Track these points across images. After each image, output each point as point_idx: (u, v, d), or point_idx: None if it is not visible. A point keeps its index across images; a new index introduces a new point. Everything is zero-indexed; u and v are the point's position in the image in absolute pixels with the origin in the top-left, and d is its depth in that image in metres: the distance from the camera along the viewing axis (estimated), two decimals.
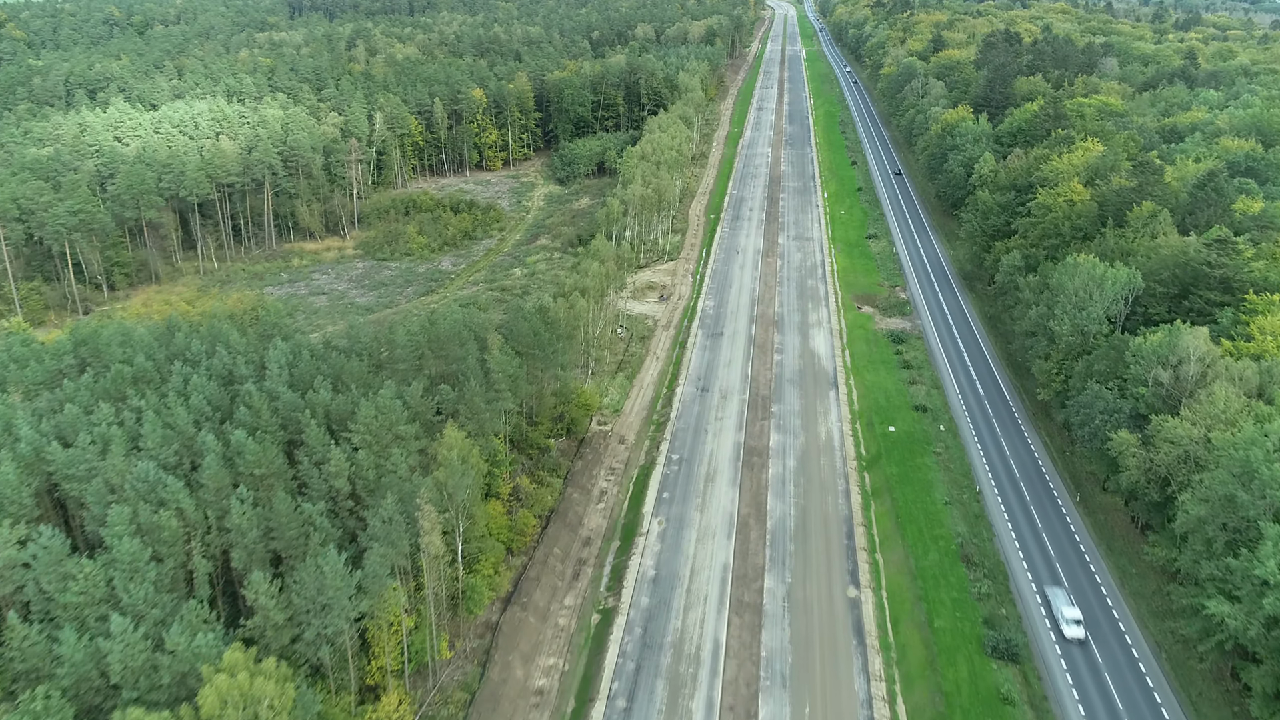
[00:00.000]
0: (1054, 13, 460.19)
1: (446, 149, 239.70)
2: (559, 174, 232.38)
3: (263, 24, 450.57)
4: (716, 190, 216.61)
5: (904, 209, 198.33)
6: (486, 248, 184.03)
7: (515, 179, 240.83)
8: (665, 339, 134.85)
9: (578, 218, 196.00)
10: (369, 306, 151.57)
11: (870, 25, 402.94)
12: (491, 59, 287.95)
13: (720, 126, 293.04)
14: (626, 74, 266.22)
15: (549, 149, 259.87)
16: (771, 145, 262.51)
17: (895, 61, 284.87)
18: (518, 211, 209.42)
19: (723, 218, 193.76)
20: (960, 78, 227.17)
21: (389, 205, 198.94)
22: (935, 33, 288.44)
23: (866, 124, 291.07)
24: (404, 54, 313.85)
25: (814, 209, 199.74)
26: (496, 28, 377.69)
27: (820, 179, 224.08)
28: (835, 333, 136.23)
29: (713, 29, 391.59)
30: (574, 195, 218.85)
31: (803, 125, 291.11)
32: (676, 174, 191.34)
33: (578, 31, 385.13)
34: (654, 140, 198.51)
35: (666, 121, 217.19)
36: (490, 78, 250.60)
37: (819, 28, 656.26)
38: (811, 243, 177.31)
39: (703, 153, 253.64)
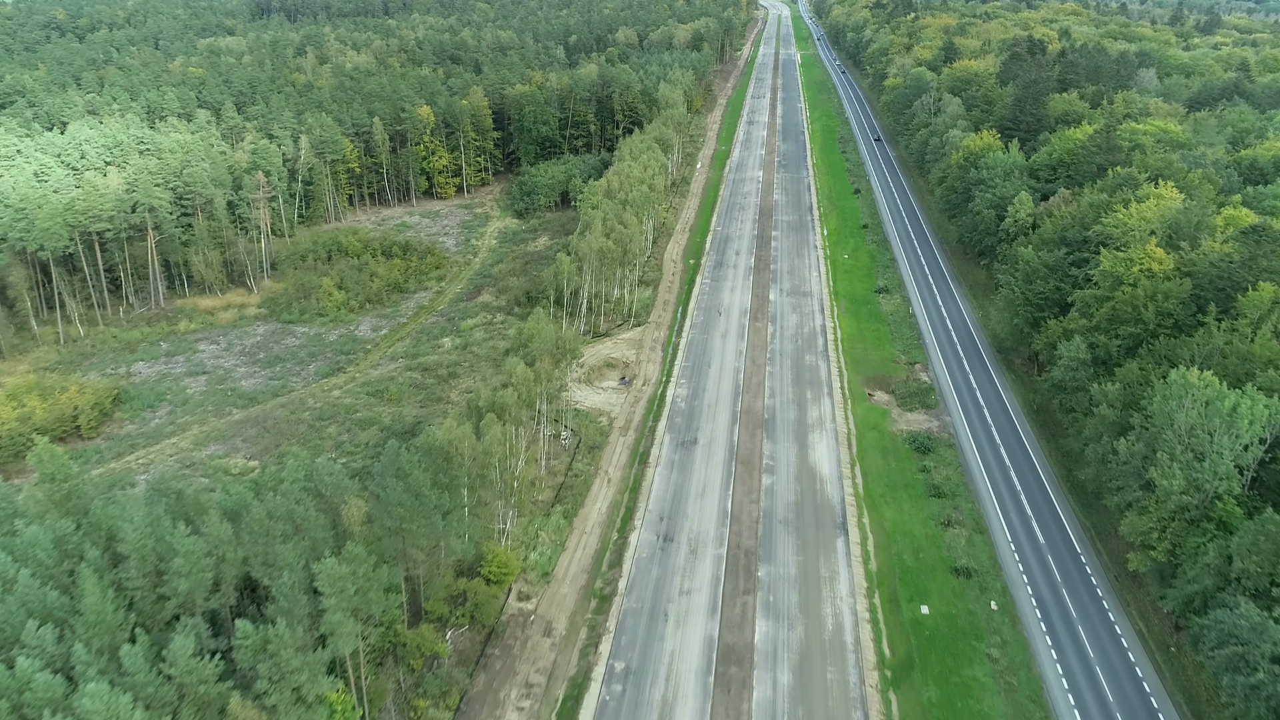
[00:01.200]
0: (1065, 14, 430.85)
1: (390, 175, 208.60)
2: (517, 205, 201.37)
3: (218, 28, 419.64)
4: (698, 226, 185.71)
5: (919, 252, 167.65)
6: (419, 304, 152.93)
7: (469, 210, 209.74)
8: (622, 448, 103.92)
9: (532, 263, 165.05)
10: (253, 394, 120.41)
11: (870, 29, 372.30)
12: (449, 69, 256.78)
13: (706, 144, 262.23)
14: (598, 87, 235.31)
15: (511, 172, 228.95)
16: (763, 167, 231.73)
17: (901, 72, 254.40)
18: (464, 253, 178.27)
19: (704, 263, 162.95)
20: (980, 94, 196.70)
21: (308, 249, 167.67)
22: (946, 39, 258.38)
23: (869, 141, 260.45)
24: (355, 63, 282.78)
25: (812, 251, 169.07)
26: (465, 32, 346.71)
27: (819, 212, 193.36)
28: (841, 438, 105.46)
29: (700, 33, 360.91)
30: (531, 233, 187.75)
31: (798, 143, 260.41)
32: (648, 214, 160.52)
33: (553, 36, 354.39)
34: (622, 172, 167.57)
35: (639, 146, 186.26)
36: (441, 92, 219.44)
37: (814, 29, 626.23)
38: (810, 299, 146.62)
39: (684, 178, 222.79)
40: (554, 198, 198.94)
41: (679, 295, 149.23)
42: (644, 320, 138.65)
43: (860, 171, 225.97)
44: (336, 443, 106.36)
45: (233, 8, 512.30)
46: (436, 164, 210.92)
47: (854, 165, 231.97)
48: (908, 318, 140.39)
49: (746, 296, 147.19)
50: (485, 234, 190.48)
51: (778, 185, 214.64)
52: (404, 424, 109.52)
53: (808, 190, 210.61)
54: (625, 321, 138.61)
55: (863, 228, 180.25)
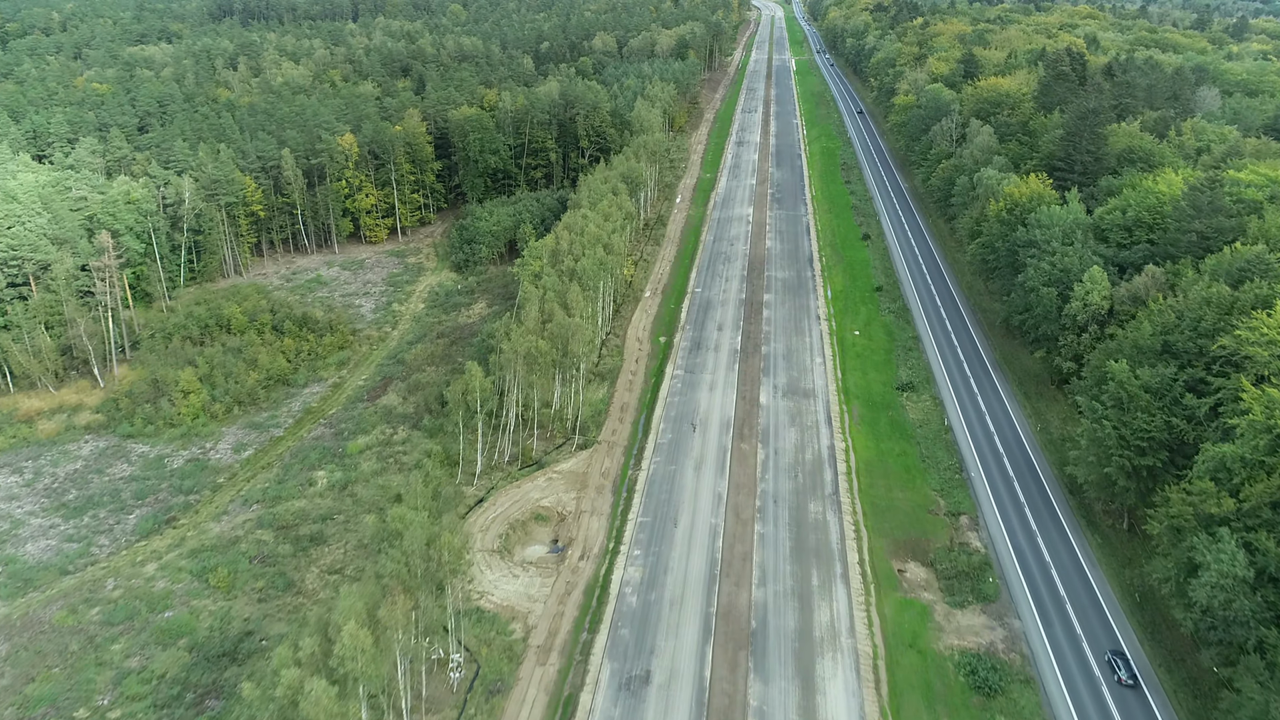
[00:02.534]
0: (1080, 17, 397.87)
1: (306, 218, 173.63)
2: (456, 256, 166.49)
3: (161, 33, 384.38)
4: (673, 287, 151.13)
5: (949, 328, 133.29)
6: (305, 404, 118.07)
7: (400, 258, 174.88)
8: (536, 694, 69.40)
9: (460, 342, 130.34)
10: (32, 571, 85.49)
11: (873, 35, 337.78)
12: (388, 86, 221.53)
13: (688, 170, 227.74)
14: (560, 108, 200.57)
15: (458, 208, 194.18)
16: (754, 202, 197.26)
17: (914, 88, 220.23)
18: (381, 323, 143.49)
19: (677, 344, 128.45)
20: (1016, 120, 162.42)
21: (181, 323, 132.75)
22: (964, 50, 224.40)
23: (876, 168, 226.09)
24: (289, 77, 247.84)
25: (814, 324, 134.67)
26: (425, 39, 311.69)
27: (820, 265, 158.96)
28: (864, 667, 71.10)
29: (685, 39, 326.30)
30: (468, 294, 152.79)
31: (794, 170, 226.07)
32: (606, 285, 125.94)
33: (523, 44, 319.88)
34: (575, 225, 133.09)
35: (600, 187, 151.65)
36: (370, 116, 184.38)
37: (809, 32, 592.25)
38: (812, 401, 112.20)
39: (660, 217, 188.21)
40: (499, 248, 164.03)
41: (642, 396, 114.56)
42: (593, 439, 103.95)
43: (868, 208, 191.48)
44: (115, 678, 71.63)
45: (188, 10, 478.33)
46: (362, 203, 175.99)
47: (860, 200, 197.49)
48: (942, 432, 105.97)
49: (730, 398, 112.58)
50: (413, 294, 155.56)
51: (771, 228, 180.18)
52: (225, 639, 74.99)
53: (806, 234, 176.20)
54: (569, 440, 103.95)
55: (876, 290, 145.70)
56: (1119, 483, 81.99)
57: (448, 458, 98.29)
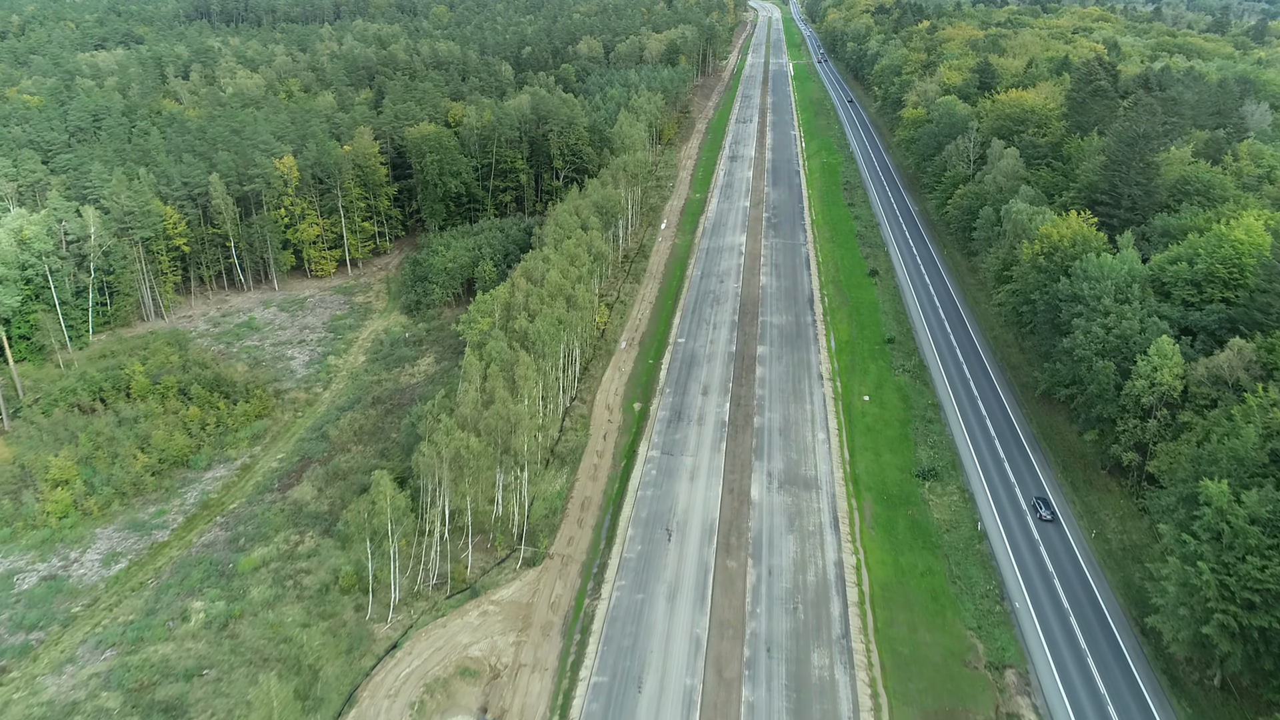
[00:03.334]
0: (1092, 20, 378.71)
1: (242, 250, 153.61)
2: (408, 296, 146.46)
3: (126, 36, 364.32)
4: (652, 336, 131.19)
5: (976, 394, 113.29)
6: (204, 493, 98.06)
7: (348, 296, 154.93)
8: None
9: (396, 412, 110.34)
10: None
11: (876, 39, 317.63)
12: (344, 99, 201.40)
13: (676, 190, 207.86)
14: (532, 123, 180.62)
15: (417, 236, 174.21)
16: (747, 229, 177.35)
17: (923, 99, 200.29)
18: (312, 382, 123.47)
19: (653, 413, 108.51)
20: (1045, 141, 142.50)
21: (71, 386, 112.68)
22: (979, 59, 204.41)
23: (882, 187, 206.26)
24: (241, 86, 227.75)
25: (816, 386, 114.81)
26: (398, 45, 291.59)
27: (823, 308, 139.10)
28: None
29: (675, 44, 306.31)
30: (416, 345, 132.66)
31: (792, 189, 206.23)
32: (572, 342, 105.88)
33: (504, 49, 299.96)
34: (534, 272, 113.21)
35: (569, 221, 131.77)
36: (315, 135, 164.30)
37: (808, 35, 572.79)
38: (815, 495, 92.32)
39: (643, 246, 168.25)
40: (454, 287, 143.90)
41: (608, 487, 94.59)
42: (543, 551, 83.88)
43: (875, 237, 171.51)
44: None
45: (161, 12, 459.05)
46: (305, 233, 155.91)
47: (865, 226, 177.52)
48: (975, 540, 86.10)
49: (714, 491, 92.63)
50: (355, 343, 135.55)
51: (766, 259, 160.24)
52: None
53: (806, 268, 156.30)
54: (513, 552, 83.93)
55: (887, 342, 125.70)
56: (1221, 646, 62.24)
57: (360, 579, 78.43)
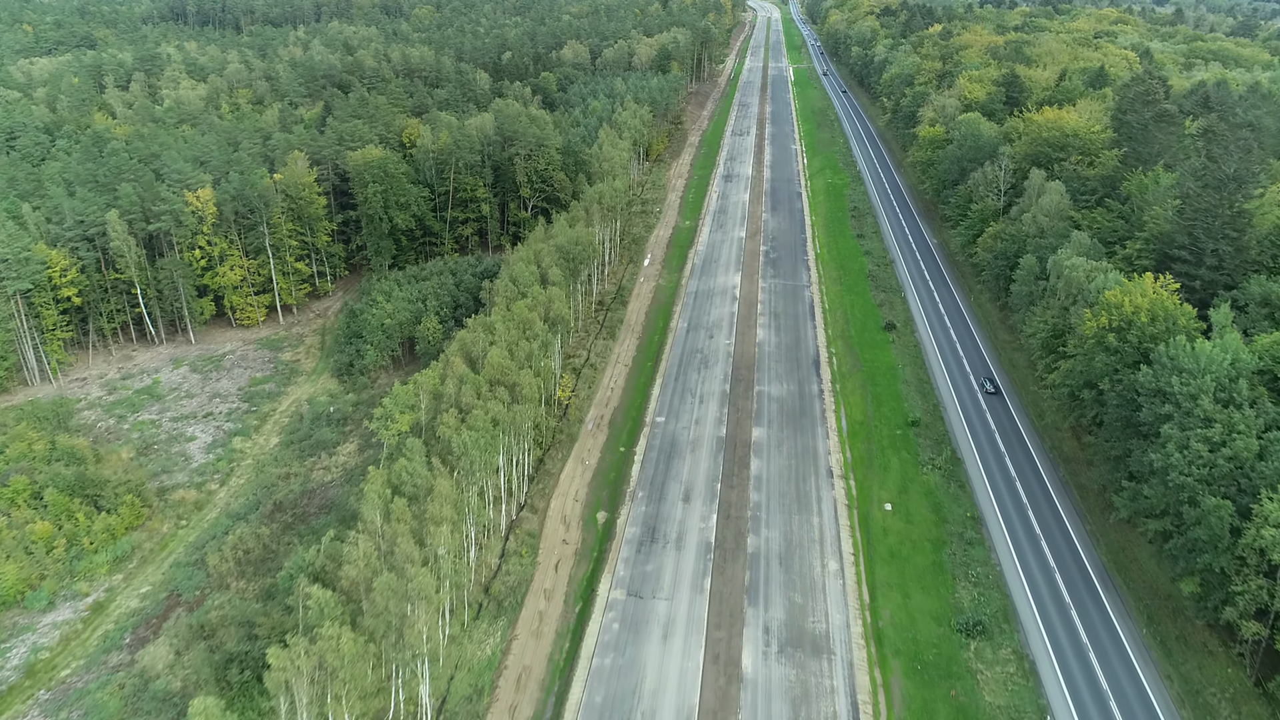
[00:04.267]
0: (1110, 22, 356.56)
1: (151, 298, 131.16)
2: (341, 356, 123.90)
3: (83, 40, 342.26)
4: (625, 412, 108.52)
5: (1025, 501, 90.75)
6: (32, 652, 75.52)
7: (275, 351, 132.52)
8: None
9: (299, 523, 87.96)
10: None
11: (883, 44, 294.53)
12: (287, 114, 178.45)
13: (664, 216, 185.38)
14: (496, 145, 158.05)
15: (365, 274, 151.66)
16: (742, 266, 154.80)
17: (941, 116, 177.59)
18: (208, 475, 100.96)
19: (620, 530, 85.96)
20: (1095, 175, 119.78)
21: None
22: (1004, 69, 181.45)
23: (895, 214, 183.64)
24: (183, 98, 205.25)
25: (823, 487, 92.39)
26: (367, 51, 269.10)
27: (831, 374, 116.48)
28: None
29: (667, 49, 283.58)
30: (340, 426, 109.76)
31: (793, 216, 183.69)
32: (517, 445, 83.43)
33: (483, 54, 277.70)
34: (474, 349, 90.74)
35: (527, 272, 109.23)
36: (241, 163, 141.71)
37: (808, 36, 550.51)
38: (824, 665, 69.67)
39: (621, 290, 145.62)
40: (393, 348, 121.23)
41: (554, 651, 71.89)
42: None
43: (889, 278, 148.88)
44: None
45: (136, 12, 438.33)
46: (226, 277, 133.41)
47: (878, 264, 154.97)
48: None
49: (694, 659, 70.10)
50: (270, 419, 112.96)
51: (764, 307, 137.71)
52: None
53: (810, 318, 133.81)
54: None
55: (911, 425, 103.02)
56: None
57: None
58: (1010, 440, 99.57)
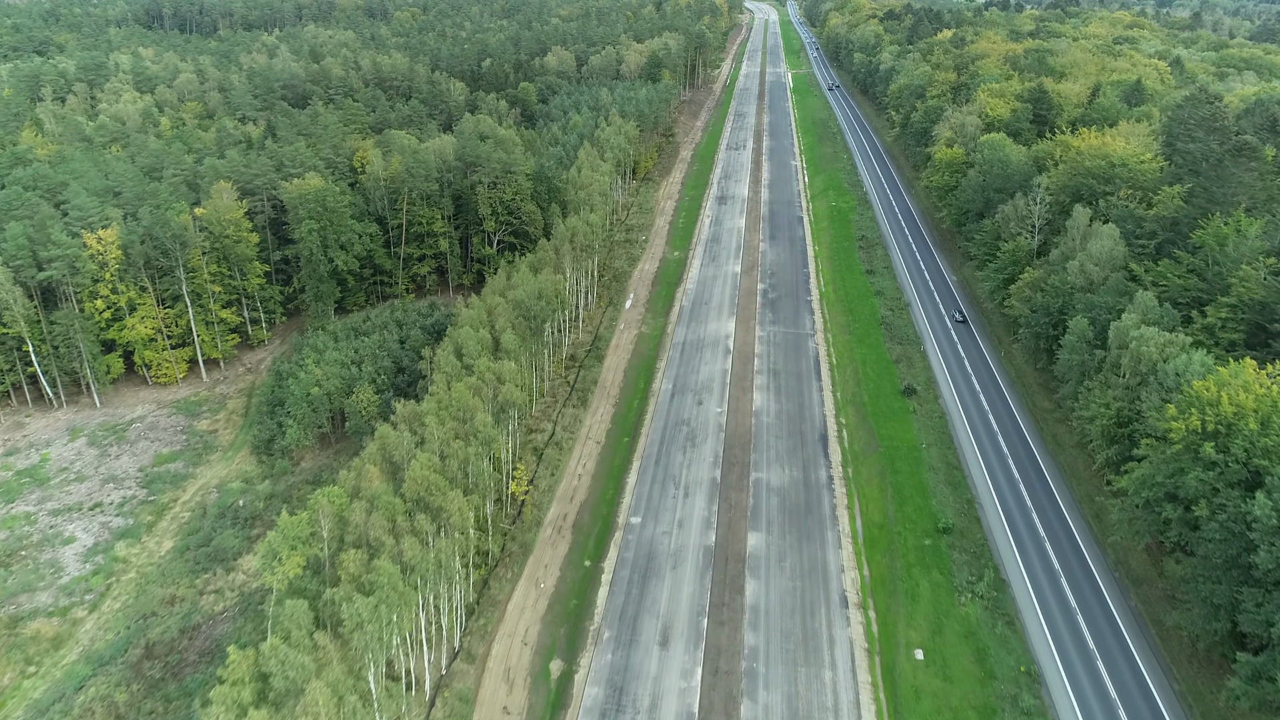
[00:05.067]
0: (1124, 26, 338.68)
1: (46, 355, 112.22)
2: (263, 427, 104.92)
3: (42, 44, 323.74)
4: (594, 510, 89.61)
5: (1095, 651, 72.21)
6: None
7: (192, 417, 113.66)
8: None
9: (170, 678, 69.07)
10: None
11: (888, 52, 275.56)
12: (223, 133, 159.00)
13: (650, 245, 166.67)
14: (457, 172, 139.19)
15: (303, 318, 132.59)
16: (737, 310, 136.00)
17: (960, 135, 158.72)
18: (77, 596, 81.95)
19: (579, 692, 67.18)
20: (1155, 217, 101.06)
21: None
22: (1031, 82, 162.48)
23: (909, 247, 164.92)
24: (122, 112, 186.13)
25: (835, 620, 73.70)
26: (335, 59, 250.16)
27: (842, 453, 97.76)
28: None
29: (658, 56, 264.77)
30: (246, 527, 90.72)
31: (794, 246, 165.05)
32: (445, 592, 64.72)
33: (462, 62, 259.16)
34: (396, 453, 71.89)
35: (474, 342, 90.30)
36: (158, 195, 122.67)
37: (807, 39, 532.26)
38: None
39: (597, 340, 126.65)
40: (320, 423, 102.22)
41: None
42: None
43: (905, 325, 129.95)
44: None
45: (110, 15, 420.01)
46: (135, 331, 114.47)
47: (892, 307, 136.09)
48: None
49: None
50: (168, 512, 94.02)
51: (762, 362, 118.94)
52: None
53: (815, 375, 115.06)
54: None
55: (942, 532, 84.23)
56: None
57: None
58: (1065, 554, 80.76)
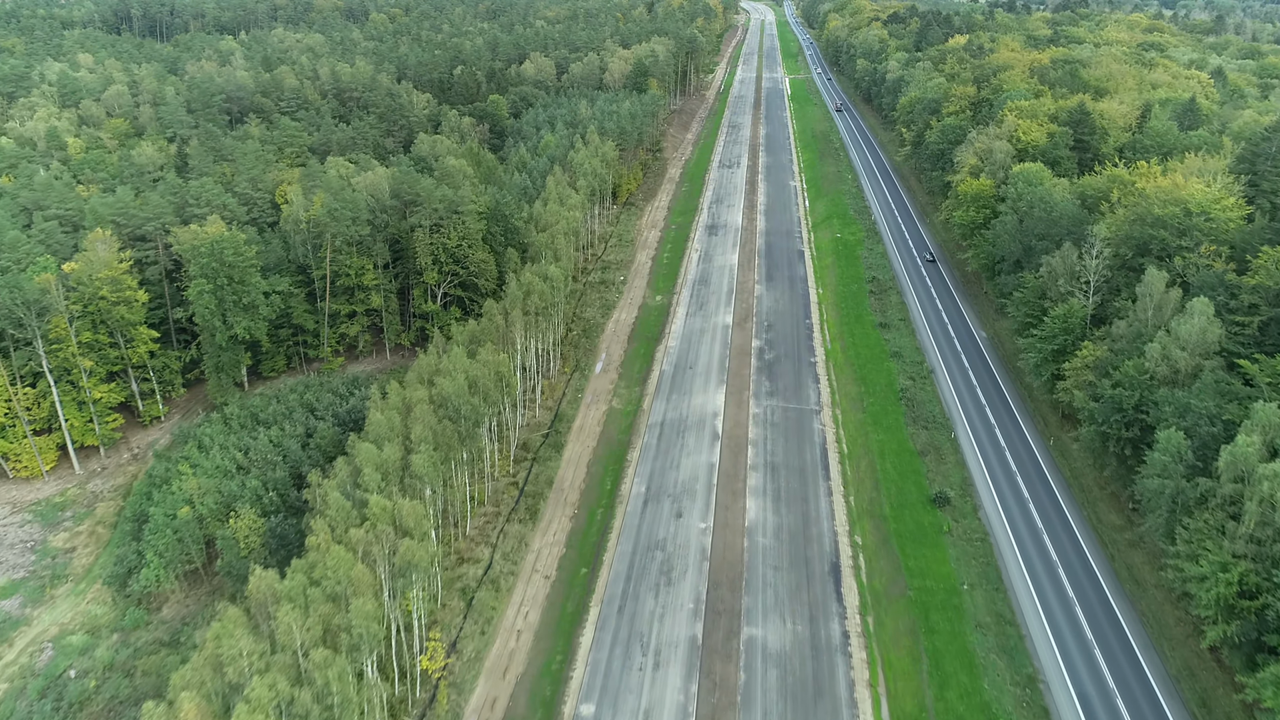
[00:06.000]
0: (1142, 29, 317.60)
1: None
2: (120, 565, 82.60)
3: None
4: (533, 685, 67.22)
5: None
6: None
7: (49, 527, 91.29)
8: None
9: None
10: None
11: (895, 59, 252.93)
12: (124, 160, 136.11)
13: (628, 289, 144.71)
14: (396, 210, 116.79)
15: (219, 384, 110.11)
16: (727, 378, 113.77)
17: (987, 162, 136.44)
18: None
19: None
20: (1254, 287, 79.31)
21: None
22: (1067, 99, 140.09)
23: (927, 292, 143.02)
24: (29, 131, 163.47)
25: None
26: (284, 68, 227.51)
27: (861, 600, 75.74)
28: None
29: (644, 65, 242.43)
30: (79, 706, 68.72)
31: (794, 289, 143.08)
32: None
33: (432, 70, 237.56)
34: (264, 628, 49.72)
35: (373, 472, 68.16)
36: (17, 247, 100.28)
37: (805, 41, 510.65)
38: None
39: (558, 421, 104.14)
40: (189, 558, 79.86)
41: None
42: None
43: (930, 400, 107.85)
44: None
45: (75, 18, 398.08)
46: None
47: (913, 374, 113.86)
48: None
49: None
50: None
51: (756, 452, 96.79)
52: None
53: (823, 473, 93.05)
54: None
55: None
56: None
57: None
58: None
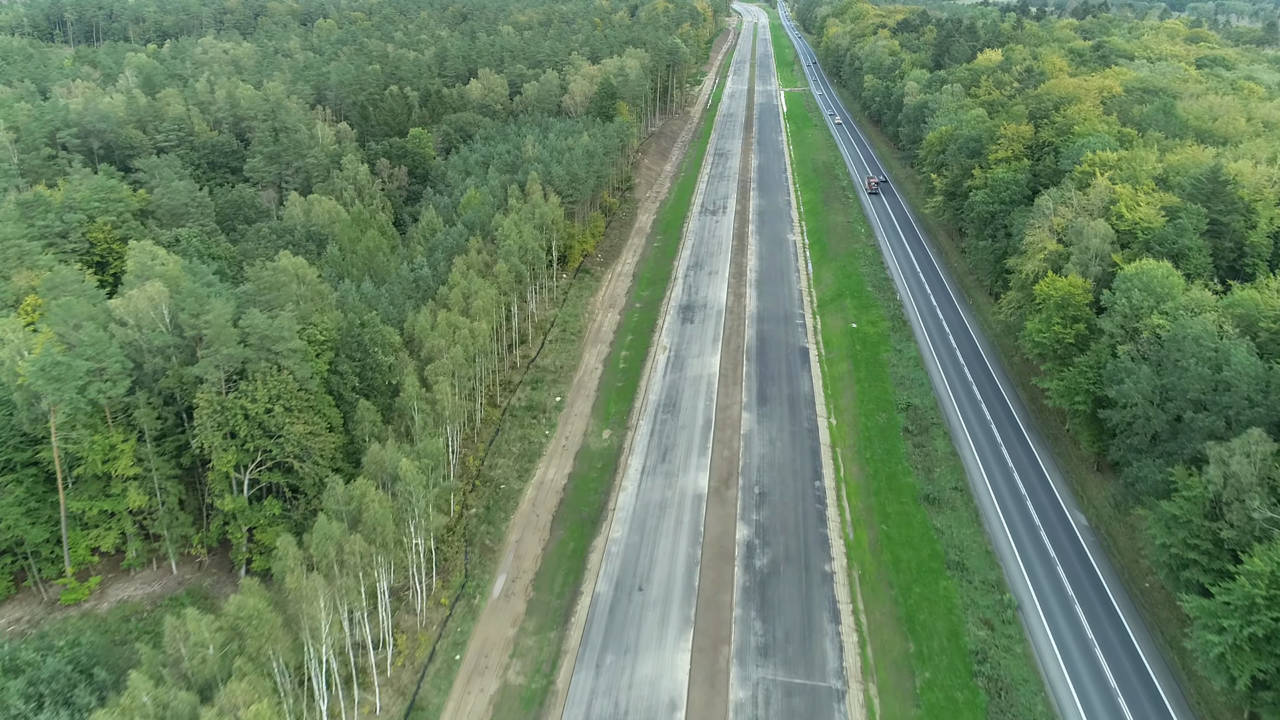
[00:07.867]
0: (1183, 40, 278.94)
1: None
2: None
3: None
4: None
5: None
6: None
7: None
8: None
9: None
10: None
11: (913, 79, 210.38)
12: None
13: (565, 420, 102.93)
14: (181, 349, 75.14)
15: None
16: (694, 620, 72.34)
17: (1078, 249, 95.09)
18: None
19: None
20: None
21: None
22: (1177, 152, 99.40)
23: (985, 430, 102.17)
24: None
25: None
26: (172, 91, 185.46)
27: None
28: None
29: (611, 85, 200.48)
30: None
31: (797, 422, 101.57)
32: None
33: (361, 90, 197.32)
34: None
35: None
36: None
37: (800, 48, 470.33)
38: None
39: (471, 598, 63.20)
40: None
41: None
42: None
43: (1024, 675, 67.08)
44: None
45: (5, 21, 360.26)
46: None
47: (990, 602, 72.92)
48: None
49: None
50: None
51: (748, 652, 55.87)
52: None
53: None
54: None
55: None
56: None
57: None
58: None
